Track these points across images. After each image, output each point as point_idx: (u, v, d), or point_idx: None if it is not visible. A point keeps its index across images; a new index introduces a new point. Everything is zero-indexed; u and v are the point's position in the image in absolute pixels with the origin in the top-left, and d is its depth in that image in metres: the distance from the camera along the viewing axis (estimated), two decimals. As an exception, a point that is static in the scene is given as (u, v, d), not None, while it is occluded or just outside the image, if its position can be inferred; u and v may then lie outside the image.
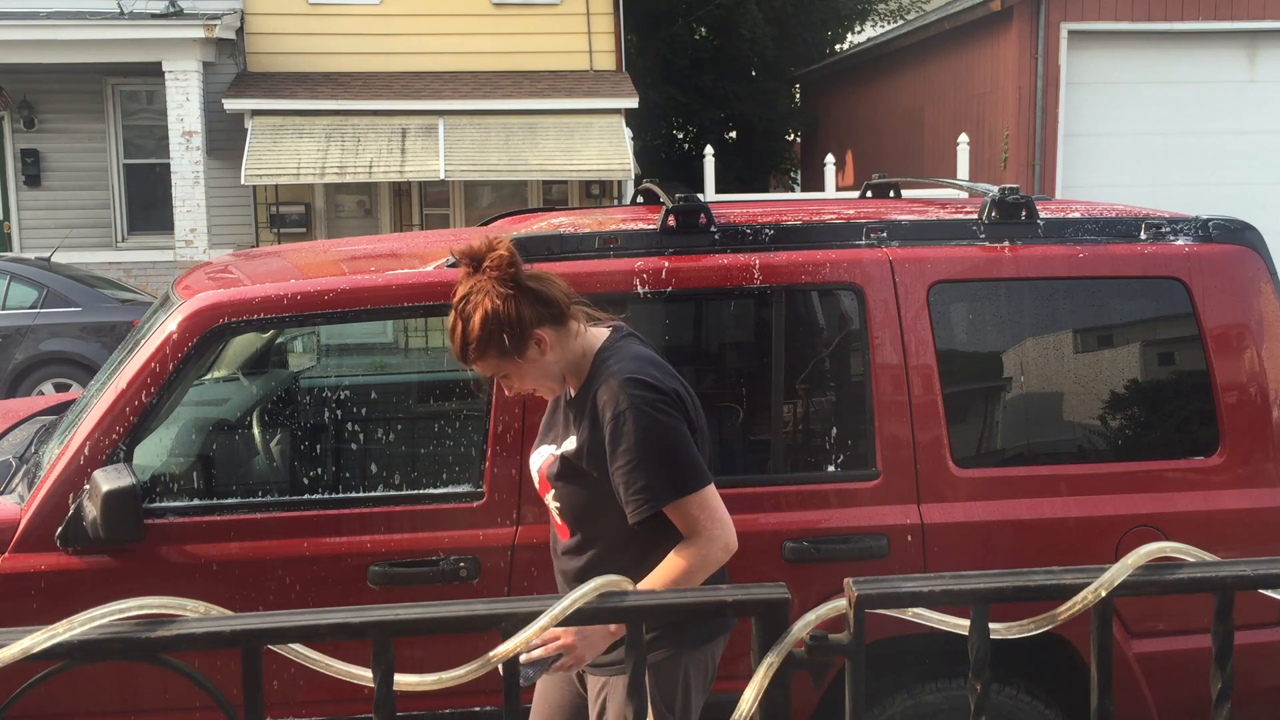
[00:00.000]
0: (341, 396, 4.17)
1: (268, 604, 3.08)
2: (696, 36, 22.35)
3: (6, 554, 3.05)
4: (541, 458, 2.64)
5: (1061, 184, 14.03)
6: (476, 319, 2.39)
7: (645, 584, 2.42)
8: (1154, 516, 3.23)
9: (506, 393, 2.56)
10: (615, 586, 1.32)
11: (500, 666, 1.32)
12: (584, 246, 3.29)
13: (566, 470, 2.52)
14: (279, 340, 4.28)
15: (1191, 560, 1.33)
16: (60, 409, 4.37)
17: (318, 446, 3.58)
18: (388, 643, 1.26)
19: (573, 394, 2.56)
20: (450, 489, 3.20)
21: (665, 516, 2.43)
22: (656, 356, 2.57)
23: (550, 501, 2.59)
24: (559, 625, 1.29)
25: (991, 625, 1.30)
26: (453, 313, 2.44)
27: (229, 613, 1.27)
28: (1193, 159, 14.11)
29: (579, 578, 2.54)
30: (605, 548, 2.54)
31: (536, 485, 2.67)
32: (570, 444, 2.51)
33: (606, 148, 14.40)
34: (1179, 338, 3.39)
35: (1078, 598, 1.27)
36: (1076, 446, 3.37)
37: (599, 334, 2.56)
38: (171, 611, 1.25)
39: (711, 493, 2.45)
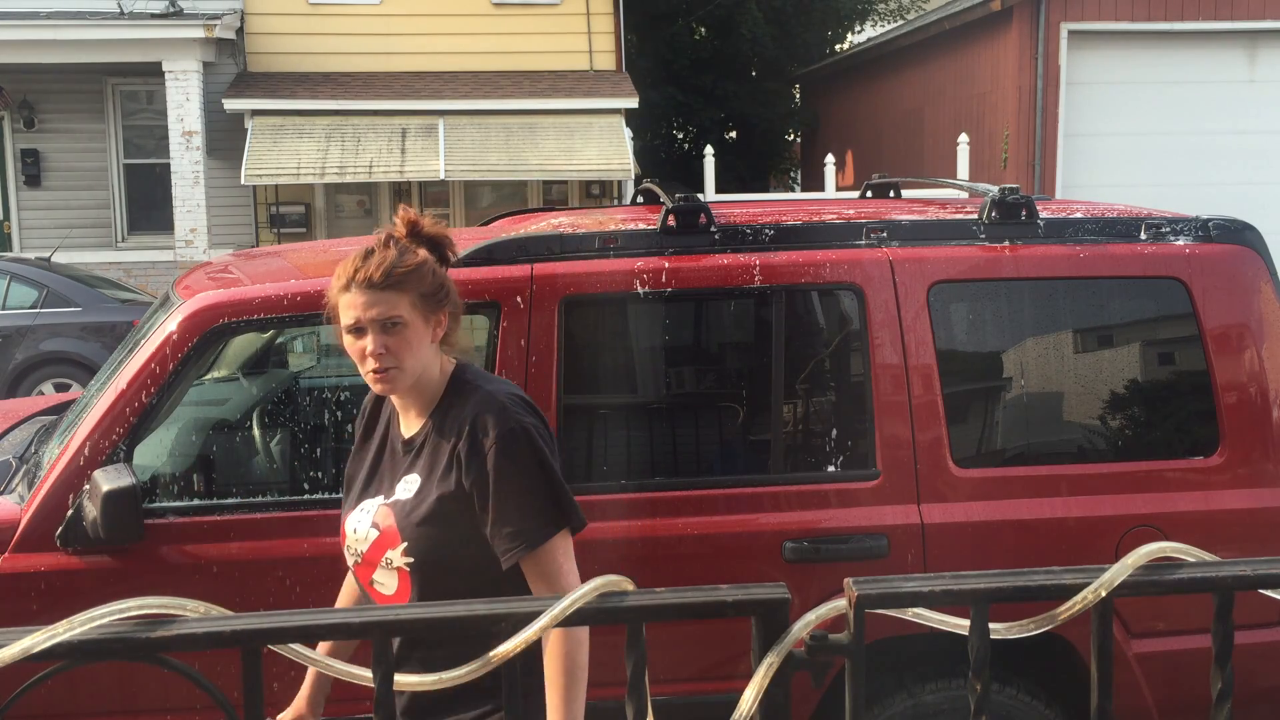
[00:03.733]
0: (341, 397, 4.17)
1: (268, 604, 3.08)
2: (696, 36, 22.35)
3: (6, 554, 3.05)
4: (372, 512, 2.27)
5: (1061, 184, 14.03)
6: (418, 256, 2.20)
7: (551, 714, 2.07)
8: (1154, 516, 3.23)
9: (372, 358, 2.17)
10: (615, 586, 1.32)
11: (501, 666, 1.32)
12: (584, 246, 3.29)
13: (442, 514, 2.17)
14: (279, 340, 4.28)
15: (1191, 560, 1.33)
16: (60, 409, 4.37)
17: (318, 447, 3.58)
18: (388, 643, 1.26)
19: (413, 428, 2.27)
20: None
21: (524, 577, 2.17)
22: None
23: (398, 560, 2.20)
24: (559, 625, 1.29)
25: (991, 625, 1.30)
26: (385, 247, 2.20)
27: (229, 613, 1.27)
28: (1193, 159, 14.11)
29: (427, 662, 2.14)
30: None
31: (358, 549, 2.27)
32: (445, 481, 2.18)
33: (606, 148, 14.40)
34: (1179, 338, 3.39)
35: (1078, 598, 1.27)
36: (1076, 446, 3.37)
37: (451, 362, 2.30)
38: (171, 611, 1.25)
39: (570, 539, 2.17)
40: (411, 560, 2.19)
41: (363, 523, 2.27)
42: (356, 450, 2.40)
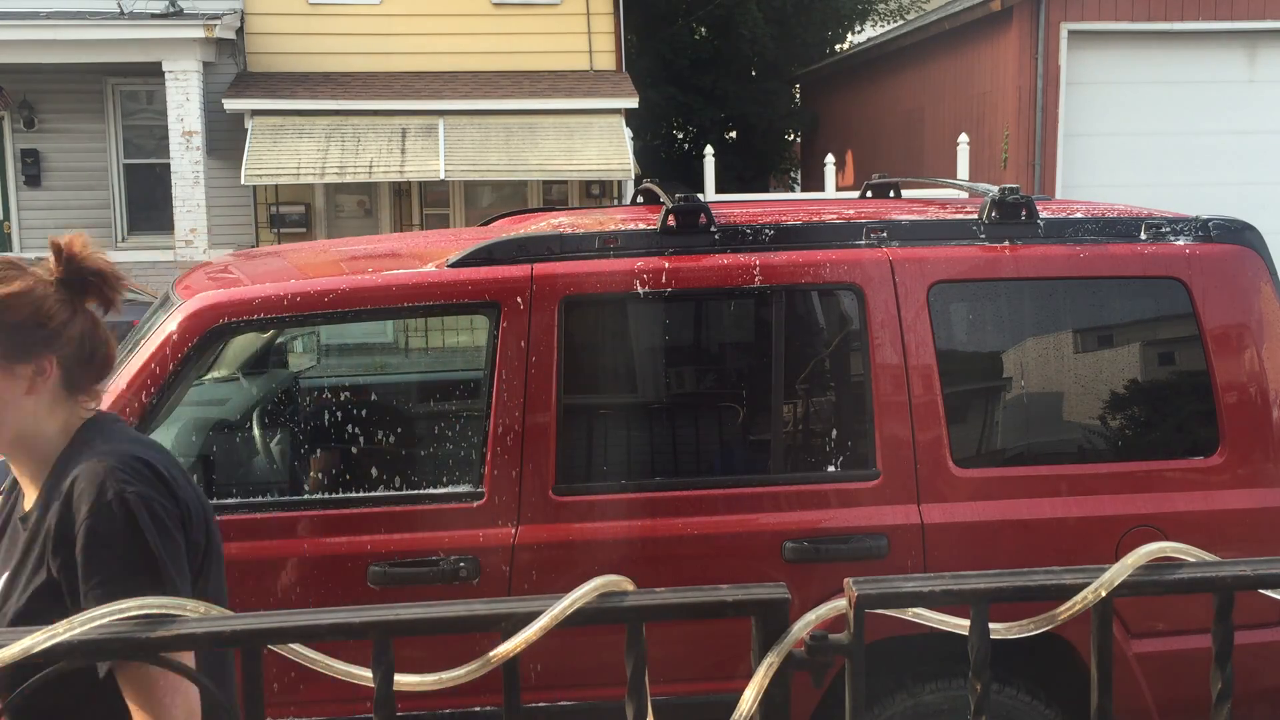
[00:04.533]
0: (342, 397, 4.17)
1: (268, 604, 3.08)
2: (696, 36, 22.36)
3: (6, 554, 3.05)
4: None
5: (1061, 184, 14.03)
6: (9, 287, 1.77)
7: None
8: (1154, 516, 3.23)
9: None
10: (615, 586, 1.32)
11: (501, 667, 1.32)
12: (584, 246, 3.29)
13: (34, 613, 1.71)
14: (279, 340, 4.28)
15: (1191, 560, 1.33)
16: (60, 409, 4.36)
17: (318, 447, 3.58)
18: (388, 643, 1.26)
19: (30, 500, 1.84)
20: (450, 489, 3.20)
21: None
22: (167, 452, 1.92)
23: None
24: (559, 627, 1.29)
25: (991, 625, 1.30)
26: None
27: (229, 613, 1.27)
28: (1193, 159, 14.10)
29: None
30: None
31: None
32: (39, 571, 1.75)
33: (606, 148, 14.41)
34: (1179, 338, 3.39)
35: (1078, 598, 1.27)
36: (1076, 446, 3.37)
37: (85, 414, 1.87)
38: (171, 611, 1.25)
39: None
40: None
41: None
42: None
